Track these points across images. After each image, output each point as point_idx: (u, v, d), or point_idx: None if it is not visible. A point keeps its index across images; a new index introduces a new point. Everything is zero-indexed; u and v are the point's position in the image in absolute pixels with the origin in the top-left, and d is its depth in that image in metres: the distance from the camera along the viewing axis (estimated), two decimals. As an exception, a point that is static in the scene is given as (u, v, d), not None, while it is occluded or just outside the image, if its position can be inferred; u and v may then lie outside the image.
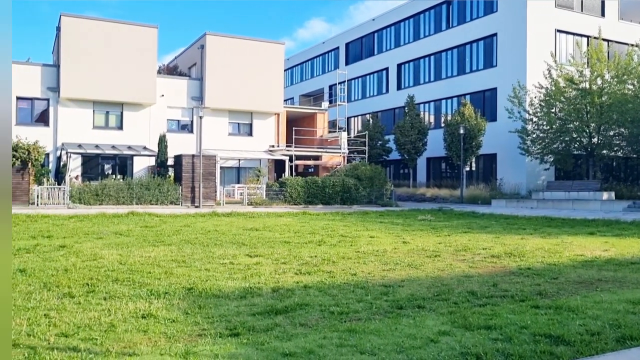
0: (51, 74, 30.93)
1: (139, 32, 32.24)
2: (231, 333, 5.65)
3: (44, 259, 10.26)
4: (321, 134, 39.82)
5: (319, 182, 30.77)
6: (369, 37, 51.32)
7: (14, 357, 4.90)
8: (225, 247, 12.57)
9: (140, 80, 31.89)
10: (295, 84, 63.18)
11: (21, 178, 24.27)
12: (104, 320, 6.12)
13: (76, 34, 30.57)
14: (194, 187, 27.81)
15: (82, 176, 30.74)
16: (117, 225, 17.38)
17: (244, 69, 34.76)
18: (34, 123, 30.63)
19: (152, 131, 32.60)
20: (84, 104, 31.36)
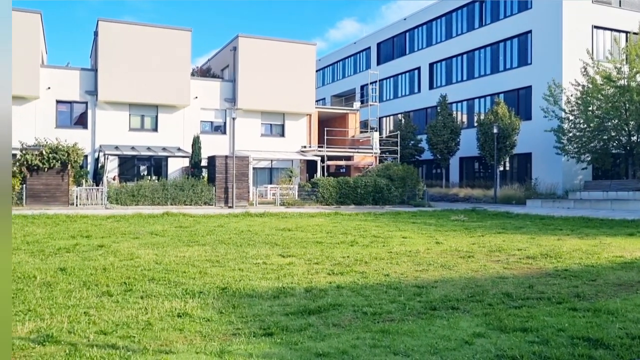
0: (89, 77, 31.68)
1: (173, 35, 32.77)
2: (265, 333, 5.70)
3: (83, 258, 10.52)
4: (353, 134, 39.77)
5: (351, 182, 30.74)
6: (401, 36, 51.05)
7: (56, 353, 5.05)
8: (258, 247, 12.67)
9: (174, 83, 32.41)
10: (327, 84, 63.25)
11: (61, 179, 24.94)
12: (141, 319, 6.24)
13: (113, 38, 31.27)
14: (227, 188, 28.11)
15: (118, 177, 31.40)
16: (153, 225, 17.69)
17: (276, 70, 34.99)
18: (73, 126, 31.44)
19: (186, 132, 33.11)
20: (121, 106, 32.03)
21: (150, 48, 31.95)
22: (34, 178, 24.54)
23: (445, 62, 45.48)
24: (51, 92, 30.65)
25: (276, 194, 30.11)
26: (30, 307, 6.71)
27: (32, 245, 12.37)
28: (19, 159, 24.71)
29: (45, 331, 5.70)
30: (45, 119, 30.46)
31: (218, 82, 35.17)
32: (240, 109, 33.25)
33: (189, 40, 33.19)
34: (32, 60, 29.62)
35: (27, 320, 6.12)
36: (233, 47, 35.15)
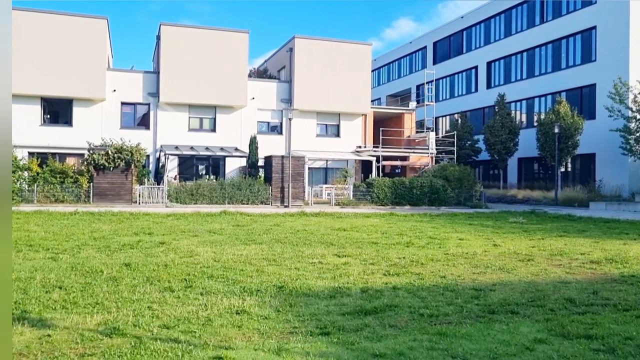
0: (151, 80, 32.74)
1: (231, 37, 33.42)
2: (321, 332, 5.76)
3: (146, 255, 10.90)
4: (408, 135, 39.42)
5: (407, 182, 30.48)
6: (458, 35, 50.20)
7: (123, 345, 5.27)
8: (314, 246, 12.77)
9: (232, 84, 33.05)
10: (383, 84, 62.92)
11: (125, 178, 25.90)
12: (201, 315, 6.43)
13: (174, 41, 32.20)
14: (283, 187, 28.43)
15: (178, 176, 32.29)
16: (211, 223, 18.10)
17: (332, 71, 35.11)
18: (136, 126, 32.58)
19: (243, 133, 33.70)
20: (181, 107, 32.94)
21: (209, 50, 32.70)
22: (100, 177, 25.58)
23: (504, 61, 44.40)
24: (116, 95, 31.87)
25: (331, 194, 30.21)
26: (98, 300, 7.02)
27: (98, 241, 12.91)
28: (87, 159, 25.81)
29: (112, 324, 5.95)
30: (110, 120, 31.70)
31: (274, 83, 35.62)
32: (296, 110, 33.53)
33: (247, 42, 33.76)
34: (99, 64, 30.88)
35: (95, 313, 6.41)
36: (289, 49, 35.50)
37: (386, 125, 39.01)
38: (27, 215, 19.26)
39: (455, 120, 44.86)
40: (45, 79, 29.88)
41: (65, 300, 6.99)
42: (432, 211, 26.97)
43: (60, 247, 11.66)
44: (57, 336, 5.52)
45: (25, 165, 25.16)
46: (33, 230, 14.84)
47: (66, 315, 6.31)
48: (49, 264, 9.65)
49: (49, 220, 17.79)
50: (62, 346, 5.23)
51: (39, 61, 29.76)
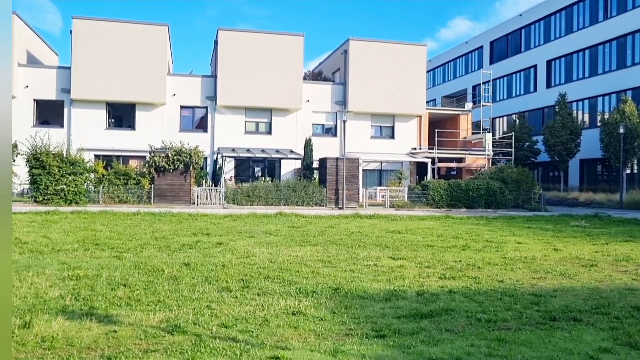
0: (209, 84, 33.55)
1: (286, 41, 33.81)
2: (377, 335, 5.77)
3: (205, 255, 11.18)
4: (465, 136, 38.75)
5: (463, 185, 29.96)
6: (516, 33, 48.95)
7: (184, 342, 5.44)
8: (369, 249, 12.76)
9: (287, 87, 33.43)
10: (438, 85, 62.09)
11: (184, 180, 26.62)
12: (258, 315, 6.55)
13: (231, 46, 32.88)
14: (337, 190, 28.51)
15: (235, 178, 32.93)
16: (267, 225, 18.36)
17: (387, 72, 34.96)
18: (194, 130, 33.45)
19: (298, 135, 34.03)
20: (238, 110, 33.59)
21: (265, 54, 33.20)
22: (161, 179, 26.39)
23: (565, 59, 42.98)
24: (176, 99, 32.84)
25: (386, 196, 30.06)
26: (160, 298, 7.27)
27: (159, 241, 13.34)
28: (149, 161, 26.69)
29: (174, 322, 6.16)
30: (170, 123, 32.70)
31: (329, 85, 35.78)
32: (351, 112, 33.60)
33: (302, 45, 34.06)
34: (161, 70, 31.91)
35: (157, 311, 6.64)
36: (344, 51, 35.59)
37: (442, 127, 38.48)
38: (94, 215, 20.09)
39: (513, 121, 43.75)
40: (110, 85, 31.13)
41: (130, 297, 7.27)
42: (489, 214, 26.41)
43: (124, 247, 12.11)
44: (122, 332, 5.76)
45: (91, 167, 26.25)
46: (99, 230, 15.48)
47: (131, 312, 6.56)
48: (114, 262, 10.06)
49: (114, 220, 18.50)
50: (127, 342, 5.46)
51: (105, 68, 31.02)
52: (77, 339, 5.52)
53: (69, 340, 5.46)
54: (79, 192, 24.97)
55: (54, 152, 25.02)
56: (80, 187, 25.09)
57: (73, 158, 25.23)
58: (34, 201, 24.75)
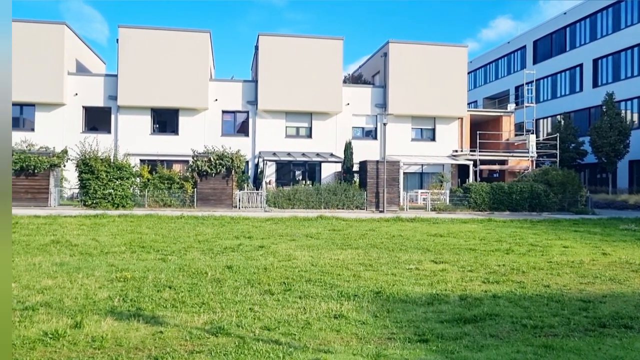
0: (250, 89, 33.96)
1: (326, 44, 33.94)
2: (420, 339, 5.74)
3: (247, 258, 11.33)
4: (507, 138, 38.05)
5: (505, 187, 29.42)
6: (560, 32, 47.79)
7: (227, 344, 5.54)
8: (410, 252, 12.68)
9: (327, 91, 33.54)
10: (479, 86, 61.16)
11: (226, 184, 27.01)
12: (300, 318, 6.61)
13: (271, 50, 33.22)
14: (378, 192, 28.41)
15: (275, 182, 33.21)
16: (308, 228, 18.44)
17: (427, 74, 34.69)
18: (235, 134, 33.91)
19: (338, 138, 34.10)
20: (278, 114, 33.88)
21: (305, 58, 33.41)
22: (203, 182, 26.85)
23: (612, 57, 41.69)
24: (218, 104, 33.38)
25: (427, 199, 29.79)
26: (204, 300, 7.41)
27: (202, 244, 13.58)
28: (191, 165, 27.20)
29: (217, 323, 6.27)
30: (212, 128, 33.25)
31: (369, 88, 35.72)
32: (391, 114, 33.44)
33: (341, 48, 34.13)
34: (203, 76, 32.50)
35: (201, 313, 6.78)
36: (383, 53, 35.49)
37: (483, 129, 37.89)
38: (139, 218, 20.59)
39: (558, 121, 42.69)
40: (154, 91, 31.90)
41: (175, 299, 7.44)
42: (533, 217, 25.85)
43: (168, 249, 12.38)
44: (168, 333, 5.91)
45: (137, 172, 26.91)
46: (145, 232, 15.87)
47: (176, 314, 6.72)
48: (159, 264, 10.30)
49: (158, 223, 18.92)
50: (173, 342, 5.59)
51: (149, 75, 31.81)
52: (125, 339, 5.69)
53: (117, 340, 5.63)
54: (125, 195, 25.65)
55: (102, 157, 25.77)
56: (126, 191, 25.76)
57: (119, 163, 25.94)
58: (83, 205, 25.54)
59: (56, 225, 17.20)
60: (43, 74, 31.26)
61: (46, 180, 25.75)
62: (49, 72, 31.38)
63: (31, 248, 12.12)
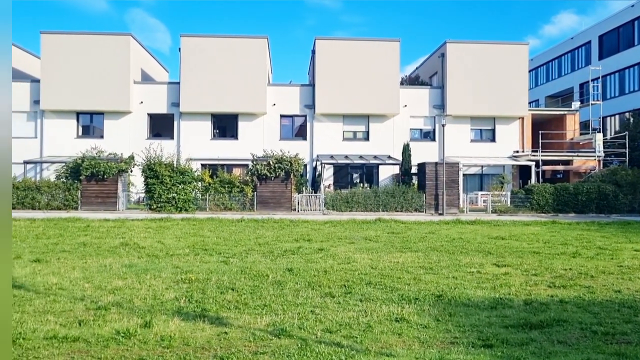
0: (307, 92, 34.27)
1: (382, 46, 33.82)
2: (484, 344, 5.65)
3: (306, 260, 11.44)
4: (571, 137, 36.72)
5: (571, 188, 28.42)
6: (628, 26, 45.69)
7: (290, 346, 5.63)
8: (471, 255, 12.47)
9: (384, 93, 33.40)
10: (541, 84, 59.27)
11: (285, 187, 27.35)
12: (361, 321, 6.63)
13: (328, 54, 33.42)
14: (437, 195, 28.05)
15: (333, 185, 33.34)
16: (366, 231, 18.44)
17: (486, 74, 33.99)
18: (293, 137, 34.28)
19: (395, 140, 33.89)
20: (335, 118, 34.03)
21: (362, 61, 33.41)
22: (263, 186, 27.29)
23: (687, 50, 39.53)
24: (276, 108, 33.86)
25: (487, 200, 29.16)
26: (266, 302, 7.55)
27: (263, 246, 13.81)
28: (251, 169, 27.72)
29: (280, 325, 6.38)
30: (270, 132, 33.76)
31: (426, 89, 35.33)
32: (449, 115, 32.96)
33: (398, 50, 33.93)
34: (261, 81, 33.06)
35: (264, 314, 6.91)
36: (441, 54, 35.02)
37: (546, 128, 36.74)
38: (201, 222, 21.15)
39: (627, 119, 40.81)
40: (214, 97, 32.71)
41: (238, 301, 7.61)
42: (601, 219, 24.86)
43: (230, 252, 12.67)
44: (232, 334, 6.06)
45: (199, 176, 27.65)
46: (207, 235, 16.29)
47: (239, 315, 6.88)
48: (221, 267, 10.56)
49: (220, 226, 19.37)
50: (237, 343, 5.74)
51: (210, 81, 32.64)
52: (192, 338, 5.88)
53: (184, 340, 5.83)
54: (187, 199, 26.40)
55: (166, 162, 26.64)
56: (188, 195, 26.52)
57: (182, 167, 26.74)
58: (149, 208, 26.47)
59: (124, 229, 17.91)
60: (111, 83, 32.63)
61: (115, 185, 26.84)
62: (116, 81, 32.72)
63: (102, 250, 12.68)
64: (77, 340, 5.80)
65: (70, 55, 32.50)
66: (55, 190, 26.66)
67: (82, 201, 26.60)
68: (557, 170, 36.18)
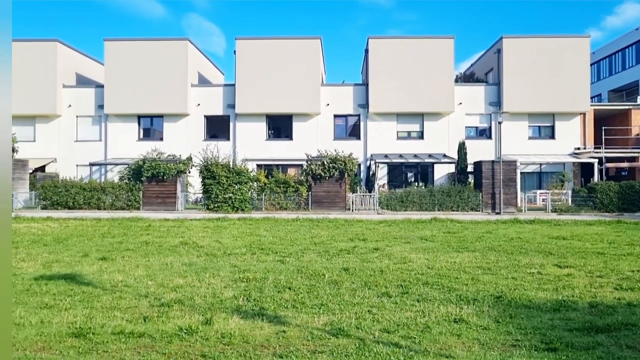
0: (361, 92, 34.23)
1: (435, 44, 33.38)
2: (547, 347, 5.50)
3: (362, 260, 11.44)
4: (638, 133, 35.16)
5: (637, 186, 27.21)
6: (701, 14, 43.35)
7: (348, 345, 5.65)
8: (530, 255, 12.15)
9: (438, 91, 32.96)
10: (603, 78, 57.01)
11: (339, 187, 27.41)
12: (419, 321, 6.59)
13: (381, 53, 33.28)
14: (494, 194, 27.45)
15: (387, 184, 33.16)
16: (422, 230, 18.25)
17: (544, 69, 33.00)
18: (347, 137, 34.31)
19: (451, 139, 33.40)
20: (389, 116, 33.84)
21: (415, 59, 33.09)
22: (317, 186, 27.44)
23: None
24: (330, 108, 33.99)
25: (546, 199, 28.30)
26: (323, 301, 7.60)
27: (318, 246, 13.90)
28: (305, 169, 27.94)
29: (337, 325, 6.42)
30: (324, 132, 33.92)
31: (482, 86, 34.62)
32: (506, 112, 32.16)
33: (452, 47, 33.39)
34: (314, 81, 33.27)
35: (321, 314, 6.96)
36: (497, 50, 34.24)
37: (609, 124, 35.34)
38: (257, 221, 21.48)
39: (699, 113, 38.73)
40: (269, 98, 33.16)
41: (295, 300, 7.70)
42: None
43: (286, 251, 12.82)
44: (290, 332, 6.14)
45: (254, 176, 28.10)
46: (263, 235, 16.53)
47: (297, 314, 6.96)
48: (278, 266, 10.70)
49: (275, 226, 19.62)
50: (296, 342, 5.81)
51: (264, 82, 33.11)
52: (251, 336, 6.00)
53: (244, 338, 5.95)
54: (244, 199, 26.87)
55: (222, 163, 27.21)
56: (245, 195, 26.98)
57: (238, 168, 27.24)
58: (206, 208, 27.09)
59: (183, 228, 18.41)
60: (170, 87, 33.60)
61: (174, 186, 27.62)
62: (175, 85, 33.66)
63: (163, 249, 13.09)
64: (142, 335, 6.02)
65: (131, 61, 33.68)
66: (118, 191, 27.68)
67: (144, 201, 27.51)
68: (621, 168, 34.74)
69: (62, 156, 34.67)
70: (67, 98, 34.78)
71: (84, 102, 34.80)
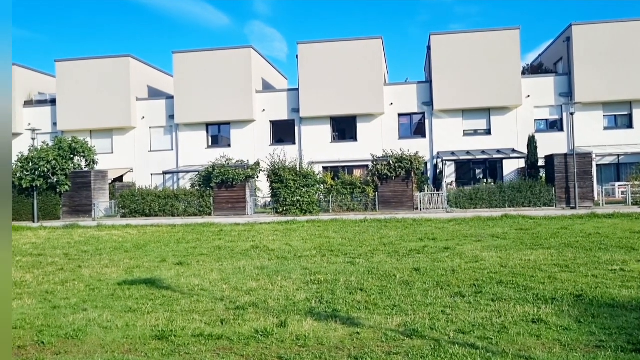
0: (424, 89, 33.81)
1: (500, 36, 32.48)
2: (635, 348, 5.26)
3: (433, 260, 11.32)
4: None
5: None
6: None
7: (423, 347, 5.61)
8: (611, 251, 11.63)
9: (504, 84, 32.05)
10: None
11: (406, 186, 27.18)
12: (495, 321, 6.45)
13: (443, 49, 32.73)
14: (568, 188, 26.41)
15: (455, 182, 32.56)
16: (492, 228, 17.82)
17: (619, 55, 31.39)
18: (412, 136, 33.97)
19: (519, 133, 32.40)
20: (454, 113, 33.23)
21: (479, 52, 32.32)
22: (384, 186, 27.33)
23: None
24: (394, 107, 33.78)
25: (626, 192, 26.94)
26: (395, 303, 7.58)
27: (387, 246, 13.85)
28: (371, 170, 27.90)
29: (411, 326, 6.38)
30: (389, 131, 33.73)
31: (551, 77, 33.37)
32: (578, 103, 30.84)
33: (518, 38, 32.38)
34: (377, 81, 33.17)
35: (394, 315, 6.95)
36: (566, 38, 32.91)
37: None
38: (326, 223, 21.64)
39: None
40: (333, 101, 33.34)
41: (367, 301, 7.72)
42: None
43: (355, 252, 12.85)
44: (364, 334, 6.17)
45: (321, 179, 28.33)
46: (332, 237, 16.65)
47: (369, 316, 6.97)
48: (348, 267, 10.74)
49: (343, 227, 19.70)
50: (370, 344, 5.83)
51: (327, 85, 33.33)
52: (326, 338, 6.06)
53: (319, 340, 6.03)
54: (311, 202, 27.14)
55: (289, 167, 27.61)
56: (312, 197, 27.25)
57: (305, 171, 27.56)
58: (275, 212, 27.56)
59: (254, 232, 18.81)
60: (236, 94, 34.43)
61: (243, 191, 28.25)
62: (240, 92, 34.46)
63: (235, 253, 13.43)
64: (220, 338, 6.22)
65: (198, 71, 34.75)
66: (190, 197, 28.61)
67: (215, 207, 28.29)
68: None
69: (137, 166, 36.21)
70: (140, 110, 36.32)
71: (155, 113, 36.22)
